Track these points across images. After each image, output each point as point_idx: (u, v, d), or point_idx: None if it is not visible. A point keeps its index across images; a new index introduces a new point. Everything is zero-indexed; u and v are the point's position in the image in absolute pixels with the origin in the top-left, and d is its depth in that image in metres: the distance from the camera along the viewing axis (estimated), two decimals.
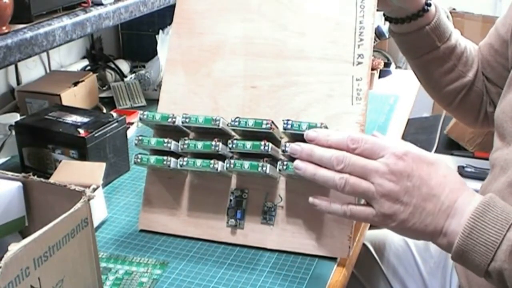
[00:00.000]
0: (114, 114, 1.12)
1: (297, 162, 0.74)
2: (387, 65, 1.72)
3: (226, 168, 0.81)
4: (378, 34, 1.38)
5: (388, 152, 0.70)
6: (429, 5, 0.95)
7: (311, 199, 0.75)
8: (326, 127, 0.79)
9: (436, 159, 0.72)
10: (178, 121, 0.83)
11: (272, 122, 0.79)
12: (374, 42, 0.98)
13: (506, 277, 0.66)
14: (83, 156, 1.00)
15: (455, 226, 0.68)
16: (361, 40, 0.84)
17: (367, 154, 0.71)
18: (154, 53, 1.50)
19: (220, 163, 0.81)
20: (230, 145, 0.80)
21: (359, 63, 0.84)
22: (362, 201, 0.74)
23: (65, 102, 1.25)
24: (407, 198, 0.69)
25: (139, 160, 0.85)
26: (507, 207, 0.68)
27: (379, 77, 1.62)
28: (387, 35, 1.37)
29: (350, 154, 0.70)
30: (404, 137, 2.05)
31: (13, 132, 1.12)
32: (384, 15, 1.00)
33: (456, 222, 0.69)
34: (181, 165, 0.82)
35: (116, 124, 1.06)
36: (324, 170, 0.72)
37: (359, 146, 0.71)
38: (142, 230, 0.90)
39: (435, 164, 0.71)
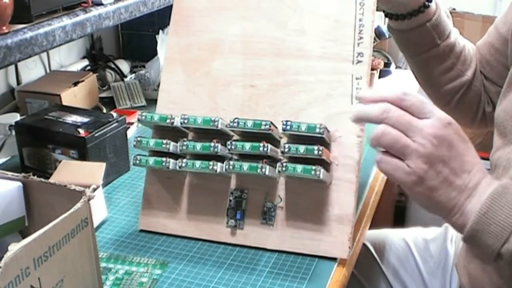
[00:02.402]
0: (114, 114, 1.12)
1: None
2: (387, 65, 1.72)
3: (225, 170, 0.80)
4: (378, 34, 1.38)
5: (434, 116, 0.68)
6: (430, 1, 0.95)
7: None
8: (326, 128, 0.79)
9: (468, 139, 0.72)
10: (177, 122, 0.83)
11: (271, 123, 0.79)
12: (374, 42, 0.98)
13: None
14: (83, 156, 1.00)
15: (473, 205, 0.68)
16: (361, 38, 0.84)
17: (414, 110, 0.68)
18: (154, 53, 1.50)
19: (219, 164, 0.81)
20: (229, 146, 0.80)
21: (359, 61, 0.84)
22: None
23: (65, 102, 1.25)
24: (441, 167, 0.68)
25: (138, 162, 0.85)
26: None
27: (379, 77, 1.62)
28: (387, 35, 1.37)
29: (395, 107, 0.68)
30: None
31: (13, 132, 1.12)
32: (384, 11, 0.99)
33: (475, 201, 0.68)
34: (180, 167, 0.82)
35: (116, 124, 1.06)
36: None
37: (409, 100, 0.68)
38: (142, 230, 0.90)
39: (469, 143, 0.71)
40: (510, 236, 0.66)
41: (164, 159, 0.83)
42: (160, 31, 1.47)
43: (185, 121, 0.82)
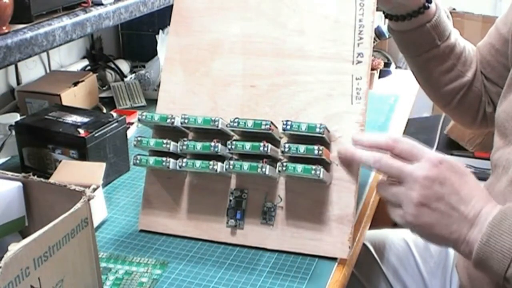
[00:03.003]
0: (114, 114, 1.12)
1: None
2: (387, 65, 1.72)
3: (226, 169, 0.80)
4: (378, 34, 1.38)
5: (424, 157, 0.72)
6: (430, 2, 0.95)
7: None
8: (326, 128, 0.79)
9: (468, 171, 0.74)
10: (177, 122, 0.83)
11: (272, 122, 0.79)
12: (374, 42, 0.98)
13: None
14: (83, 156, 1.00)
15: (476, 235, 0.71)
16: (361, 38, 0.84)
17: (405, 155, 0.73)
18: (154, 53, 1.50)
19: (220, 164, 0.81)
20: (229, 146, 0.80)
21: (359, 62, 0.84)
22: None
23: (65, 102, 1.25)
24: (436, 204, 0.71)
25: (138, 161, 0.85)
26: None
27: (379, 77, 1.62)
28: (387, 35, 1.37)
29: (387, 156, 0.74)
30: (404, 137, 2.04)
31: (13, 132, 1.12)
32: (384, 12, 1.00)
33: (477, 230, 0.71)
34: (180, 166, 0.82)
35: (116, 124, 1.06)
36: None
37: (398, 146, 0.74)
38: (142, 230, 0.90)
39: (466, 175, 0.74)
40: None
41: (164, 158, 0.83)
42: (160, 31, 1.47)
43: (186, 121, 0.82)
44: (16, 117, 1.20)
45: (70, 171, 0.91)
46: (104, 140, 1.03)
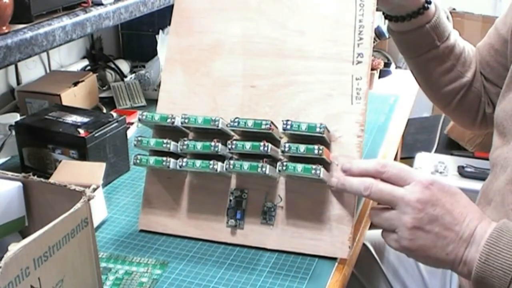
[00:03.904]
0: (114, 114, 1.12)
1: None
2: (387, 65, 1.72)
3: (226, 169, 0.81)
4: (378, 34, 1.38)
5: (415, 180, 0.72)
6: (429, 2, 0.95)
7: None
8: (326, 128, 0.79)
9: (458, 190, 0.74)
10: (177, 122, 0.83)
11: (272, 122, 0.79)
12: (374, 42, 0.98)
13: None
14: (83, 156, 1.00)
15: (473, 254, 0.70)
16: (361, 39, 0.84)
17: (394, 180, 0.73)
18: (154, 53, 1.50)
19: (220, 163, 0.81)
20: (229, 146, 0.80)
21: (359, 62, 0.84)
22: None
23: (65, 102, 1.25)
24: (429, 226, 0.71)
25: (138, 161, 0.85)
26: None
27: (379, 77, 1.62)
28: (387, 35, 1.37)
29: (377, 182, 0.73)
30: (404, 137, 2.05)
31: (13, 132, 1.12)
32: (383, 13, 1.00)
33: (474, 249, 0.70)
34: (180, 166, 0.82)
35: (116, 124, 1.06)
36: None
37: (387, 171, 0.73)
38: (142, 230, 0.90)
39: (457, 195, 0.74)
40: None
41: (164, 158, 0.83)
42: (160, 31, 1.47)
43: (186, 120, 0.82)
44: (16, 117, 1.20)
45: (70, 171, 0.91)
46: (104, 140, 1.03)
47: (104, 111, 1.37)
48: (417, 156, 2.01)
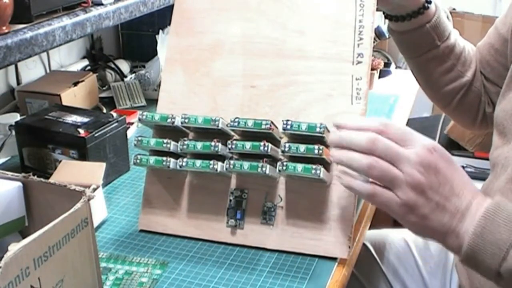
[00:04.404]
0: (114, 114, 1.12)
1: (333, 151, 0.73)
2: (387, 65, 1.72)
3: (226, 169, 0.81)
4: (378, 34, 1.38)
5: (418, 143, 0.69)
6: (429, 2, 0.95)
7: (337, 174, 0.72)
8: (325, 128, 0.79)
9: (454, 159, 0.72)
10: (178, 122, 0.83)
11: (272, 122, 0.79)
12: (374, 42, 0.99)
13: None
14: (83, 156, 1.00)
15: (467, 227, 0.68)
16: (361, 39, 0.84)
17: (397, 140, 0.69)
18: (154, 53, 1.50)
19: (220, 163, 0.81)
20: (229, 146, 0.80)
21: (359, 62, 0.84)
22: None
23: (65, 102, 1.25)
24: (431, 194, 0.68)
25: (138, 161, 0.85)
26: None
27: (379, 77, 1.62)
28: (387, 35, 1.37)
29: (383, 137, 0.69)
30: None
31: (13, 132, 1.12)
32: (384, 13, 1.00)
33: (468, 223, 0.68)
34: (180, 166, 0.82)
35: (116, 124, 1.06)
36: (352, 152, 0.70)
37: (389, 131, 0.69)
38: (142, 230, 0.90)
39: (455, 164, 0.71)
40: (507, 255, 0.66)
41: (164, 158, 0.83)
42: (160, 31, 1.47)
43: (186, 120, 0.82)
44: (16, 117, 1.20)
45: (70, 171, 0.91)
46: (104, 140, 1.03)
47: (104, 111, 1.37)
48: None
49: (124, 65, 1.62)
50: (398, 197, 0.68)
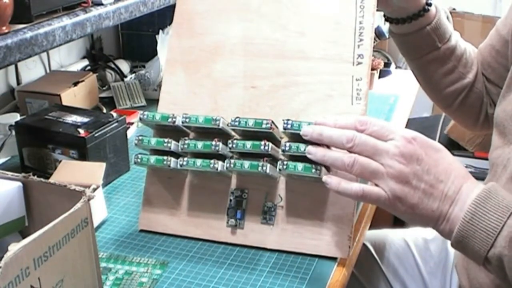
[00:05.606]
0: (114, 114, 1.12)
1: (309, 147, 0.74)
2: (387, 65, 1.72)
3: (226, 168, 0.81)
4: (378, 34, 1.38)
5: (397, 135, 0.70)
6: (430, 4, 0.95)
7: (324, 178, 0.73)
8: None
9: (442, 147, 0.72)
10: (178, 121, 0.83)
11: (272, 122, 0.79)
12: (374, 42, 0.98)
13: (505, 264, 0.66)
14: (83, 156, 1.00)
15: (458, 212, 0.69)
16: (361, 40, 0.84)
17: (376, 136, 0.70)
18: (154, 53, 1.50)
19: (220, 163, 0.81)
20: (230, 145, 0.80)
21: (359, 63, 0.84)
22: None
23: (65, 102, 1.25)
24: (416, 182, 0.69)
25: (139, 160, 0.85)
26: (508, 195, 0.69)
27: (379, 77, 1.62)
28: (387, 35, 1.37)
29: (360, 134, 0.70)
30: None
31: (13, 132, 1.12)
32: (384, 15, 1.00)
33: (458, 208, 0.69)
34: (181, 165, 0.82)
35: (116, 124, 1.06)
36: (333, 151, 0.72)
37: (368, 128, 0.70)
38: (142, 230, 0.90)
39: (441, 151, 0.72)
40: (495, 241, 0.66)
41: (165, 157, 0.83)
42: (160, 31, 1.47)
43: (187, 120, 0.82)
44: (16, 117, 1.20)
45: (70, 171, 0.91)
46: (104, 140, 1.03)
47: (104, 111, 1.37)
48: None
49: (124, 65, 1.62)
50: (384, 190, 0.69)
